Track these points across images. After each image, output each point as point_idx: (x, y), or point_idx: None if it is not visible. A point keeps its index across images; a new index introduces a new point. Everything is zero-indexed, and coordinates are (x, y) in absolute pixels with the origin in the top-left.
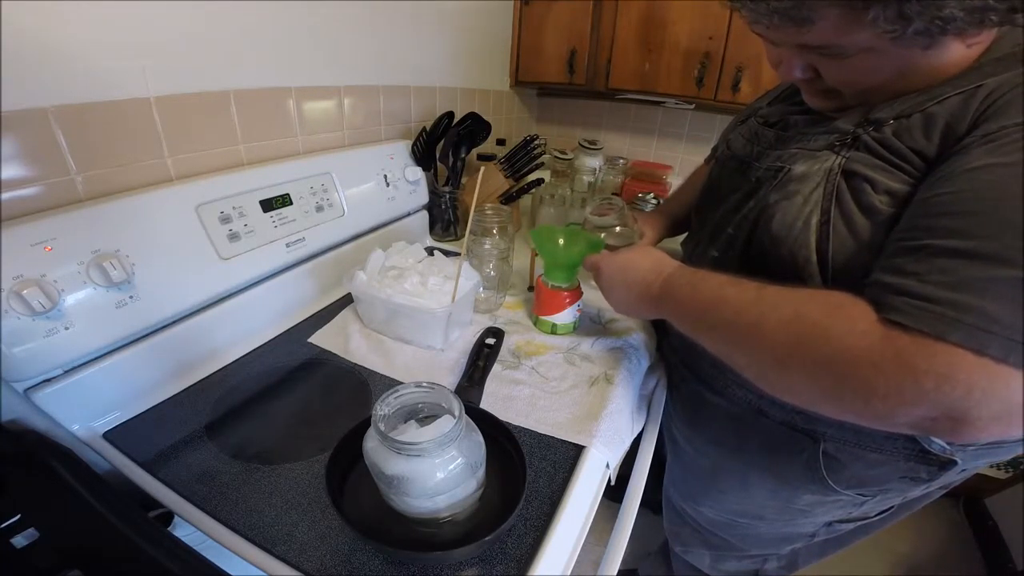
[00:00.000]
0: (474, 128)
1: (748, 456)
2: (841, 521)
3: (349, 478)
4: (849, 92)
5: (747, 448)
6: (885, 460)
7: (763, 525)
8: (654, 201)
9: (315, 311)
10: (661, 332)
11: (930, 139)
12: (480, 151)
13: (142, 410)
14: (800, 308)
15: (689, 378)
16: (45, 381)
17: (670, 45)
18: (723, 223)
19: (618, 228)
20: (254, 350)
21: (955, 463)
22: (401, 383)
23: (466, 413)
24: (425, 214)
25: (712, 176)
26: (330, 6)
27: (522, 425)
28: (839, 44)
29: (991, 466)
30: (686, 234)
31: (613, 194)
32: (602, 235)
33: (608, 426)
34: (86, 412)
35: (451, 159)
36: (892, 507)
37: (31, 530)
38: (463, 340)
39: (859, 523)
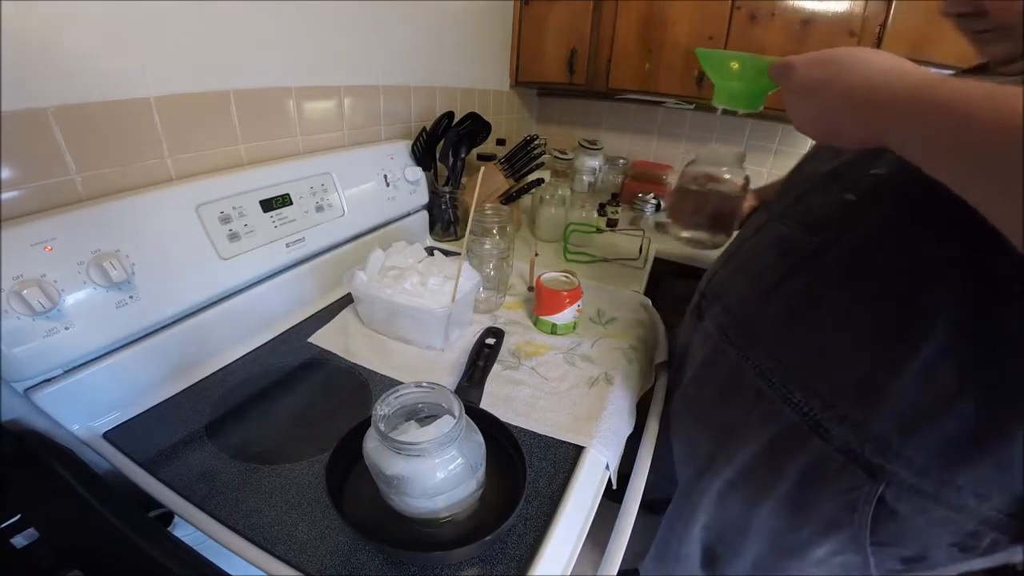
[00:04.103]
0: (474, 128)
1: (773, 480)
2: None
3: (349, 478)
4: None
5: (777, 471)
6: (952, 519)
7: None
8: (654, 201)
9: (315, 311)
10: (694, 319)
11: None
12: (480, 151)
13: (142, 410)
14: None
15: (732, 356)
16: (45, 381)
17: (670, 45)
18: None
19: (727, 174)
20: (254, 350)
21: None
22: (401, 383)
23: (466, 413)
24: (425, 214)
25: None
26: (330, 6)
27: (522, 425)
28: None
29: None
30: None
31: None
32: (708, 182)
33: (607, 427)
34: (86, 412)
35: (451, 159)
36: None
37: (31, 530)
38: (463, 340)
39: None
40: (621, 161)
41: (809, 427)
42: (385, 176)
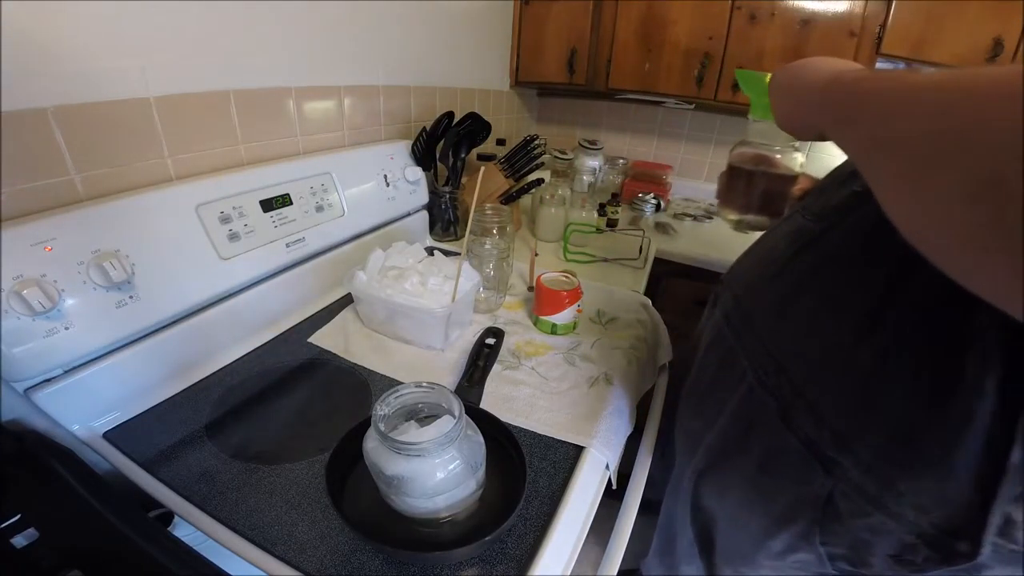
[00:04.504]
0: (474, 128)
1: (741, 462)
2: None
3: (349, 478)
4: None
5: (745, 452)
6: (889, 528)
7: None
8: (654, 201)
9: (315, 311)
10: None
11: None
12: (480, 151)
13: (142, 410)
14: None
15: (730, 340)
16: (45, 381)
17: (670, 45)
18: None
19: (778, 154)
20: (254, 350)
21: (971, 558)
22: (401, 383)
23: (466, 413)
24: (425, 214)
25: None
26: (330, 6)
27: (522, 425)
28: None
29: None
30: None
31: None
32: (759, 163)
33: (607, 427)
34: (86, 412)
35: (451, 159)
36: None
37: (31, 530)
38: (463, 340)
39: None
40: (621, 161)
41: (778, 412)
42: (385, 176)
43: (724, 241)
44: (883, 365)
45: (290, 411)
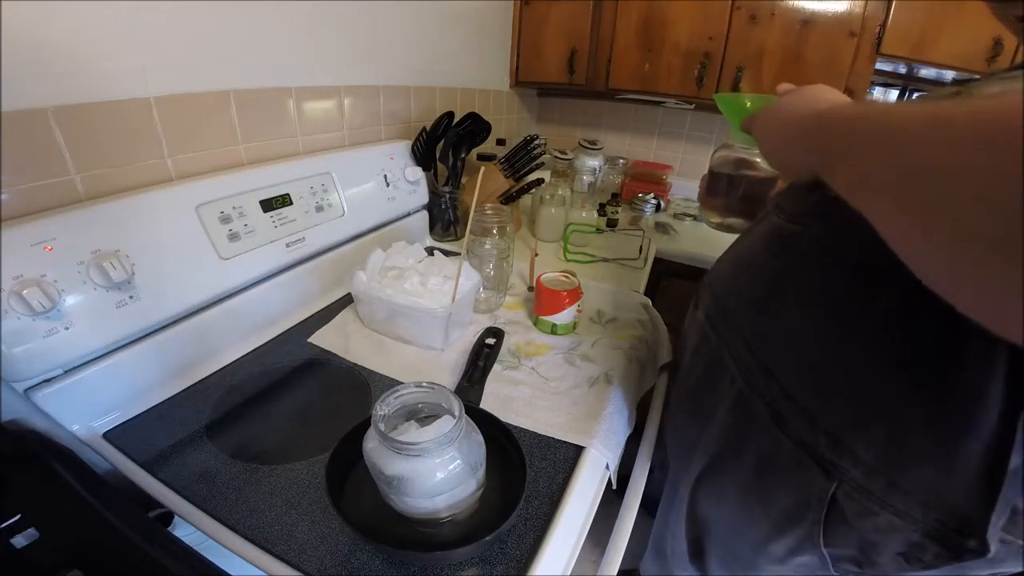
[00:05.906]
0: (474, 128)
1: (736, 468)
2: None
3: (349, 478)
4: None
5: (740, 458)
6: (896, 526)
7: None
8: (654, 201)
9: (315, 311)
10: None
11: None
12: (480, 151)
13: (142, 410)
14: None
15: (714, 341)
16: (45, 381)
17: (670, 45)
18: None
19: (758, 157)
20: (254, 350)
21: (981, 554)
22: (401, 383)
23: (466, 413)
24: (425, 214)
25: None
26: (330, 6)
27: (522, 425)
28: None
29: None
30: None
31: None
32: (741, 167)
33: (607, 427)
34: (86, 412)
35: (451, 159)
36: None
37: (31, 530)
38: (463, 340)
39: None
40: (621, 161)
41: (770, 416)
42: (385, 176)
43: (724, 241)
44: (869, 365)
45: (290, 411)
